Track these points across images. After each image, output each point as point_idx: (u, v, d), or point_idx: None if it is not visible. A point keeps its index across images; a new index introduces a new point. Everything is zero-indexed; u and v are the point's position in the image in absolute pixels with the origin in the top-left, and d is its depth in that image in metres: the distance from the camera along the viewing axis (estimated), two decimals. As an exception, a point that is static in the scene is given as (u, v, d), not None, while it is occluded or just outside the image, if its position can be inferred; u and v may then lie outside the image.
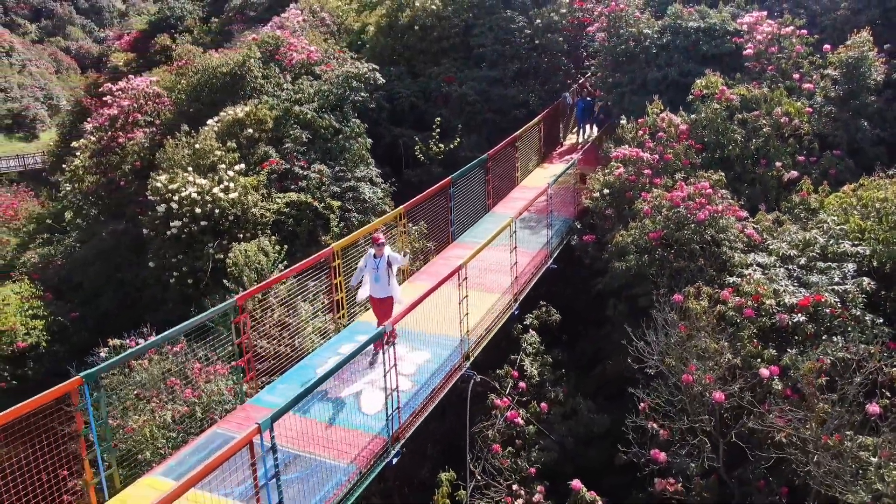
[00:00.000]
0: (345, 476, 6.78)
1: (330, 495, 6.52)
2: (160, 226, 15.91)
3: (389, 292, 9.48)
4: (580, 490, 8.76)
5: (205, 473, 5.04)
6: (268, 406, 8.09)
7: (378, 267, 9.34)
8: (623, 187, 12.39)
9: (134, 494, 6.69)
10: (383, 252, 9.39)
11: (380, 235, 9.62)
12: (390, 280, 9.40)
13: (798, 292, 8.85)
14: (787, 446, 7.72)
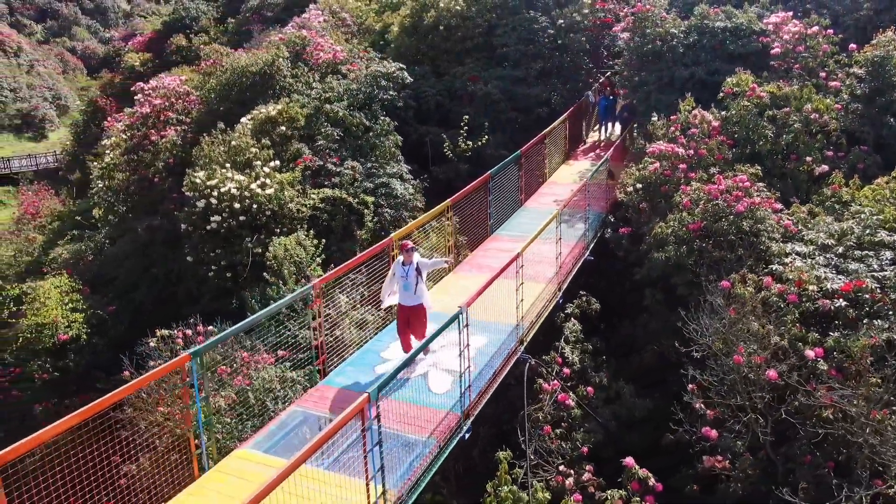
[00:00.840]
0: (426, 449, 7.23)
1: (415, 466, 6.97)
2: (198, 221, 16.28)
3: (420, 300, 9.18)
4: (633, 467, 9.21)
5: (323, 441, 5.46)
6: (338, 386, 8.56)
7: (407, 274, 9.04)
8: (658, 181, 12.84)
9: (230, 465, 7.13)
10: (412, 259, 9.11)
11: (408, 242, 9.37)
12: (419, 287, 9.11)
13: (838, 279, 9.30)
14: (833, 422, 8.18)
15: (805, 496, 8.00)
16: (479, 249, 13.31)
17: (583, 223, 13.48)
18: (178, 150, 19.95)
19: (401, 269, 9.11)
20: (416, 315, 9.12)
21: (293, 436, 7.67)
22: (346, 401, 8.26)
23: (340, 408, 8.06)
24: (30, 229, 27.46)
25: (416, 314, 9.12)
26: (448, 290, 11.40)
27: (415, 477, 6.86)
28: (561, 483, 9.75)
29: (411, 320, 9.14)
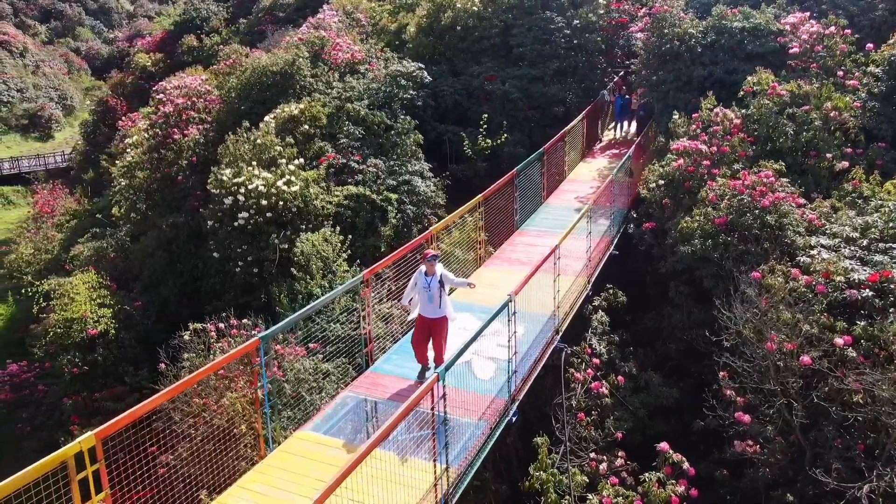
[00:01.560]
0: (478, 430, 7.57)
1: (469, 446, 7.31)
2: (225, 217, 16.60)
3: (443, 312, 8.81)
4: (667, 452, 9.55)
5: (399, 420, 5.79)
6: (387, 373, 8.90)
7: (430, 285, 8.66)
8: (682, 178, 13.19)
9: (293, 446, 7.48)
10: (435, 269, 8.75)
11: (431, 250, 9.07)
12: (443, 299, 8.75)
13: (864, 270, 9.65)
14: (863, 406, 8.53)
15: (836, 477, 8.34)
16: (506, 244, 13.66)
17: (607, 219, 13.83)
18: (200, 149, 20.28)
19: (423, 279, 8.73)
20: (437, 327, 8.81)
21: (347, 418, 8.03)
22: (395, 386, 8.63)
23: (390, 392, 8.43)
24: (48, 227, 27.75)
25: (438, 326, 8.81)
26: (481, 283, 11.70)
27: (470, 457, 7.21)
28: (595, 468, 10.10)
29: (433, 332, 8.81)
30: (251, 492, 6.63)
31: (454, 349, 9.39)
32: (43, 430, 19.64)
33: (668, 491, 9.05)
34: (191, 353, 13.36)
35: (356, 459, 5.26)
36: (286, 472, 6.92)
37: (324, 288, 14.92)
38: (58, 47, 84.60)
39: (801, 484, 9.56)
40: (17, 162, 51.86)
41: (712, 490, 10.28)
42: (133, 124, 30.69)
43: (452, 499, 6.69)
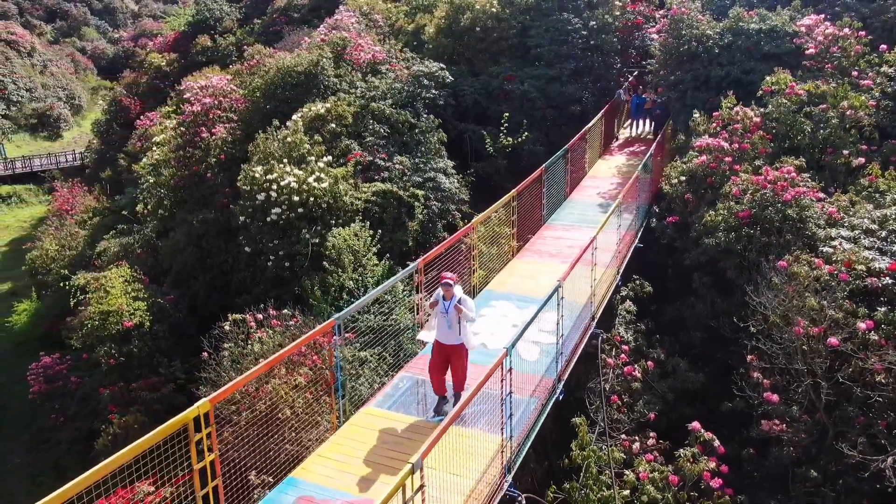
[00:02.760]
0: (531, 406, 8.16)
1: (525, 420, 7.90)
2: (257, 213, 17.15)
3: (461, 339, 8.27)
4: (699, 431, 10.14)
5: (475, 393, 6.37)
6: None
7: (447, 310, 8.19)
8: (704, 173, 13.78)
9: (361, 420, 8.08)
10: (452, 293, 8.25)
11: (448, 274, 8.62)
12: (462, 326, 8.24)
13: (884, 259, 10.25)
14: (885, 386, 9.12)
15: (860, 450, 8.93)
16: (535, 237, 14.24)
17: (631, 213, 14.42)
18: (227, 147, 20.83)
19: (442, 303, 8.29)
20: (456, 355, 8.30)
21: (405, 396, 8.62)
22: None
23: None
24: (70, 225, 28.30)
25: (456, 354, 8.30)
26: (515, 274, 12.34)
27: (527, 429, 7.79)
28: (628, 447, 10.70)
29: (452, 360, 8.34)
30: (330, 459, 7.22)
31: (500, 334, 10.02)
32: (77, 419, 20.21)
33: (700, 466, 9.63)
34: (230, 342, 13.97)
35: (443, 427, 5.84)
36: (357, 442, 7.51)
37: (355, 280, 15.51)
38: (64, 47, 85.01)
39: (824, 461, 10.16)
40: (30, 161, 52.46)
41: (739, 469, 10.86)
42: (152, 123, 31.33)
43: (514, 465, 7.29)
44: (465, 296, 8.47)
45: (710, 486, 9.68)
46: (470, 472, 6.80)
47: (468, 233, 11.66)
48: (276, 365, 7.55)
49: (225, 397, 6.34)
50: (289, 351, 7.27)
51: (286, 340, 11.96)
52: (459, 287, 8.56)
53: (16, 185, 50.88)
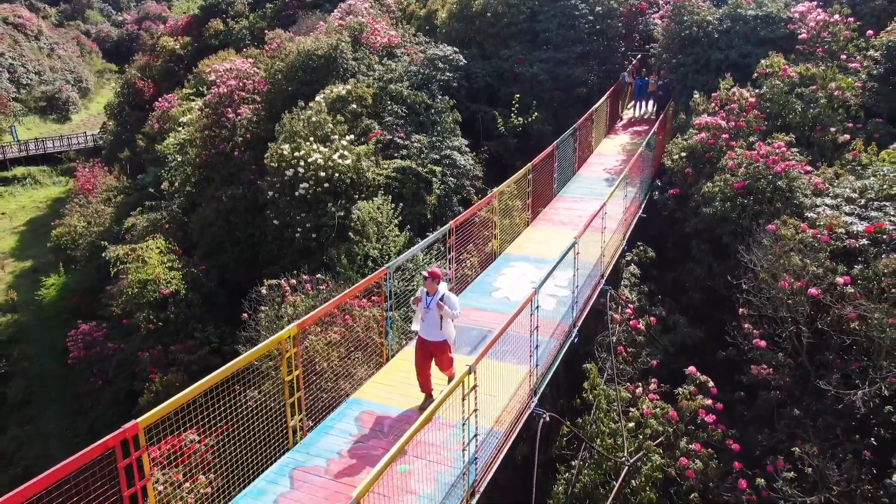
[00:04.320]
0: (552, 344, 9.49)
1: (546, 355, 9.23)
2: (285, 188, 18.35)
3: (442, 336, 8.23)
4: (695, 374, 11.48)
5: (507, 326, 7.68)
6: (472, 305, 10.82)
7: (429, 305, 8.15)
8: (703, 149, 15.02)
9: (404, 356, 9.41)
10: (436, 288, 8.18)
11: (436, 269, 8.45)
12: (443, 321, 8.18)
13: (861, 223, 11.53)
14: (858, 333, 10.44)
15: (836, 386, 10.29)
16: (547, 208, 15.52)
17: (635, 187, 15.67)
18: (253, 127, 22.01)
19: (425, 298, 8.23)
20: (438, 350, 8.33)
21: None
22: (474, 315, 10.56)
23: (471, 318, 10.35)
24: (96, 203, 29.50)
25: (438, 350, 8.33)
26: (531, 240, 13.63)
27: (547, 363, 9.12)
28: (633, 391, 12.04)
29: (435, 355, 8.37)
30: (383, 385, 8.56)
31: (520, 289, 11.31)
32: (115, 383, 21.63)
33: (697, 403, 10.99)
34: (266, 306, 15.29)
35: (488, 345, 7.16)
36: (403, 372, 8.84)
37: (378, 250, 16.80)
38: (69, 30, 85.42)
39: (805, 402, 11.52)
40: (43, 143, 53.45)
41: (732, 411, 12.21)
42: (170, 105, 32.40)
43: (539, 389, 8.62)
44: (450, 293, 8.37)
45: (704, 422, 11.04)
46: (504, 394, 8.13)
47: (490, 202, 12.91)
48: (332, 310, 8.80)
49: (307, 325, 7.63)
50: (356, 290, 8.59)
51: (318, 304, 13.25)
52: (444, 284, 8.42)
53: (30, 166, 51.89)
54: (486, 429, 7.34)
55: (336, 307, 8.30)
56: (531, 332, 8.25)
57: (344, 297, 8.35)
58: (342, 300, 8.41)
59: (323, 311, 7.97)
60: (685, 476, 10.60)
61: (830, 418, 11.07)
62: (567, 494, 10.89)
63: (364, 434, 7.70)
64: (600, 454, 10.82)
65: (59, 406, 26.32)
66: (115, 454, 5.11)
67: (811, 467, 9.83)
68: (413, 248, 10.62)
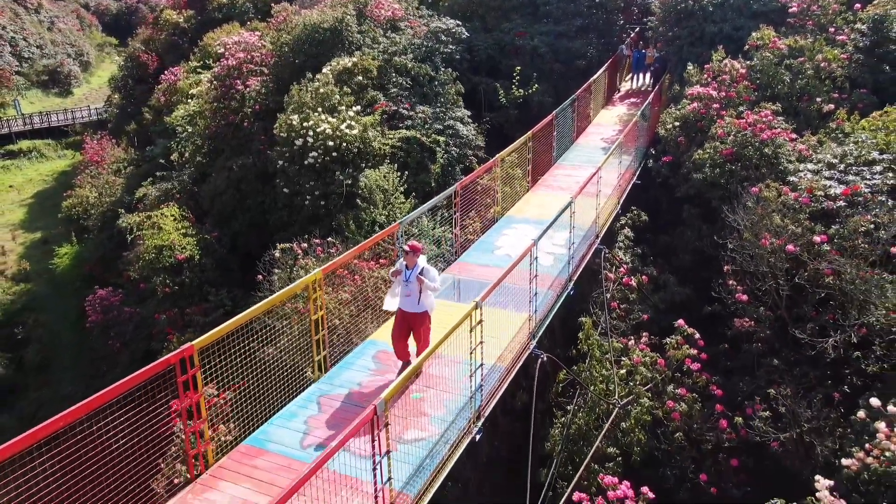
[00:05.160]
0: (549, 295, 10.37)
1: (546, 303, 10.12)
2: (294, 157, 19.08)
3: (423, 308, 8.37)
4: (683, 326, 12.40)
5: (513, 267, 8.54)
6: (476, 263, 11.67)
7: (409, 279, 8.26)
8: (695, 119, 15.76)
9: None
10: (416, 262, 8.33)
11: (415, 243, 8.55)
12: (423, 293, 8.31)
13: (840, 186, 12.35)
14: (832, 287, 11.33)
15: (810, 335, 11.20)
16: (547, 175, 16.31)
17: (630, 155, 16.44)
18: (261, 98, 22.65)
19: (404, 271, 8.36)
20: (418, 323, 8.45)
21: (448, 290, 10.86)
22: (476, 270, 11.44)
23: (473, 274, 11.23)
24: (107, 174, 30.21)
25: (418, 322, 8.45)
26: (531, 204, 14.44)
27: (545, 311, 10.02)
28: (625, 343, 12.97)
29: (414, 328, 8.50)
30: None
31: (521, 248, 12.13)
32: (132, 345, 22.62)
33: (683, 352, 11.93)
34: (279, 268, 16.16)
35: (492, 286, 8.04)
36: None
37: (385, 216, 17.62)
38: (68, 3, 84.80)
39: (784, 353, 12.45)
40: (47, 116, 53.87)
41: (717, 363, 13.15)
42: (176, 78, 32.89)
43: (537, 334, 9.52)
44: (429, 266, 8.51)
45: (690, 369, 11.99)
46: (506, 336, 9.03)
47: (493, 166, 13.70)
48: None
49: (333, 268, 8.51)
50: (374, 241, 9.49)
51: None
52: (423, 256, 8.55)
53: (35, 139, 52.39)
54: (489, 365, 8.24)
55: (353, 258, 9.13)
56: (530, 282, 9.11)
57: (362, 248, 9.21)
58: (360, 250, 9.27)
59: (344, 259, 8.84)
60: (671, 418, 11.58)
61: (807, 367, 12.03)
62: (563, 436, 11.89)
63: (381, 369, 8.62)
64: (594, 399, 11.79)
65: (75, 371, 27.38)
66: (175, 370, 5.99)
67: (785, 407, 10.79)
68: (423, 206, 11.45)
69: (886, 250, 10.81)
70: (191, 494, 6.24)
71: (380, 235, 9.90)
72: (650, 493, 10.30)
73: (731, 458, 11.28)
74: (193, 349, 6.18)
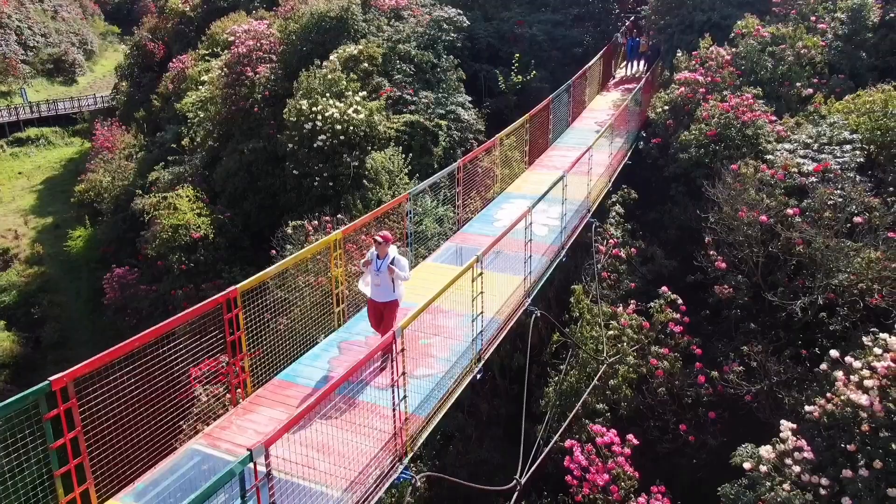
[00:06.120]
0: (543, 261, 11.45)
1: (540, 267, 11.19)
2: (304, 140, 20.08)
3: (392, 297, 8.59)
4: (667, 292, 13.48)
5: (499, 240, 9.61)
6: (477, 233, 12.73)
7: (380, 269, 8.44)
8: (682, 102, 16.77)
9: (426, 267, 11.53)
10: (387, 251, 8.50)
11: (386, 233, 8.73)
12: (395, 283, 8.55)
13: (812, 164, 13.39)
14: (802, 255, 12.40)
15: (781, 297, 12.29)
16: (543, 156, 17.35)
17: (622, 137, 17.44)
18: (271, 84, 23.60)
19: (375, 261, 8.54)
20: (388, 310, 8.69)
21: (450, 256, 11.95)
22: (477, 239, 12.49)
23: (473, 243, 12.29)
24: (119, 159, 31.20)
25: (389, 309, 8.68)
26: (528, 182, 15.48)
27: (540, 271, 11.11)
28: (614, 310, 14.06)
29: (384, 315, 8.71)
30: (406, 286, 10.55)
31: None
32: (148, 321, 23.68)
33: (667, 315, 13.02)
34: (290, 244, 17.23)
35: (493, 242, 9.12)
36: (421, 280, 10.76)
37: (390, 195, 18.66)
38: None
39: (761, 318, 13.55)
40: (55, 104, 54.77)
41: (699, 329, 14.23)
42: (184, 66, 33.78)
43: (532, 293, 10.61)
44: (399, 255, 8.65)
45: (673, 331, 13.09)
46: (505, 294, 10.11)
47: (493, 144, 14.74)
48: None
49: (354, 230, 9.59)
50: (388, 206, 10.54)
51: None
52: (394, 246, 8.69)
53: (42, 127, 53.30)
54: (489, 318, 9.33)
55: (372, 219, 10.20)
56: (525, 246, 10.18)
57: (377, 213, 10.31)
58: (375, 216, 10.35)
59: (363, 220, 9.92)
60: (655, 375, 12.70)
61: (781, 331, 13.13)
62: (556, 392, 13.01)
63: (393, 321, 9.71)
64: (584, 358, 12.90)
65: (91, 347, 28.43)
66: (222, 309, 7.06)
67: (757, 363, 11.89)
68: (429, 178, 12.49)
69: (850, 220, 11.87)
70: (234, 415, 7.34)
71: (392, 203, 10.96)
72: (634, 440, 11.44)
73: (708, 411, 12.40)
74: (237, 292, 7.25)
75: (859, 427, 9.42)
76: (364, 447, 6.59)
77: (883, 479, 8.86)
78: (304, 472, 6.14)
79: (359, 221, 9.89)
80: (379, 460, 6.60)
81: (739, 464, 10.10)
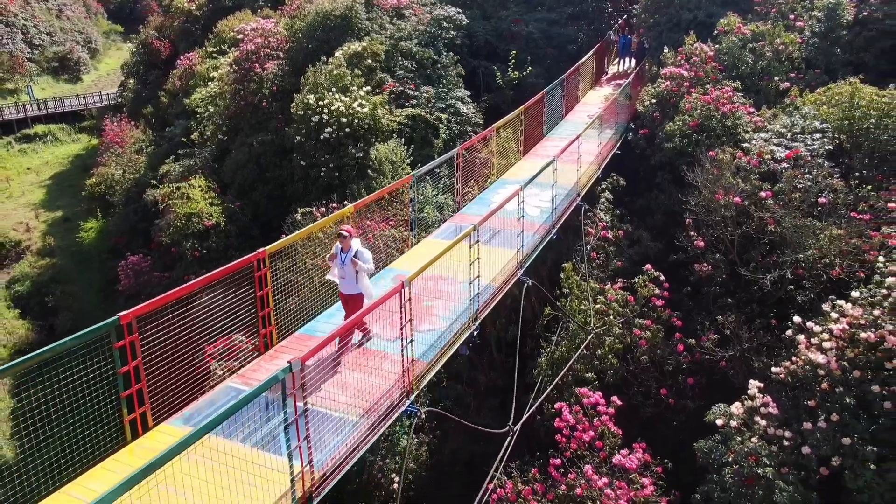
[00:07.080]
0: (535, 237, 12.55)
1: (532, 243, 12.30)
2: (311, 133, 21.16)
3: (358, 290, 8.90)
4: (651, 270, 14.59)
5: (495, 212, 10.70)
6: (474, 214, 13.83)
7: (344, 262, 8.73)
8: (668, 96, 17.88)
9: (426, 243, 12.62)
10: (350, 245, 8.77)
11: (349, 227, 8.97)
12: (359, 276, 8.82)
13: (785, 151, 14.50)
14: (774, 234, 13.51)
15: (754, 272, 13.39)
16: (537, 146, 18.45)
17: (611, 128, 18.55)
18: (278, 80, 24.69)
19: (339, 255, 8.81)
20: (353, 302, 9.02)
21: (450, 234, 13.04)
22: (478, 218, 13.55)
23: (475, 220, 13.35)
24: (130, 153, 32.28)
25: (353, 301, 9.02)
26: (523, 169, 16.57)
27: (532, 245, 12.22)
28: (602, 288, 15.17)
29: (350, 306, 9.07)
30: (408, 260, 11.66)
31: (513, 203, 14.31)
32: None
33: (650, 290, 14.12)
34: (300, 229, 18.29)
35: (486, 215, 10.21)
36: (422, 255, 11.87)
37: (393, 185, 19.60)
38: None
39: (737, 294, 14.65)
40: (61, 102, 55.83)
41: (680, 305, 15.33)
42: (191, 63, 34.87)
43: (525, 265, 11.72)
44: (363, 248, 8.92)
45: (655, 306, 14.20)
46: (497, 266, 11.22)
47: (491, 133, 15.84)
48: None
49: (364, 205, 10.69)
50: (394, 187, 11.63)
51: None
52: (357, 240, 8.96)
53: (49, 124, 54.35)
54: (485, 284, 10.44)
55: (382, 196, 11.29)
56: (517, 223, 11.30)
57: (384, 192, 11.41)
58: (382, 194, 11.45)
59: (372, 197, 11.02)
60: (638, 345, 13.81)
61: (755, 305, 14.24)
62: (548, 361, 14.12)
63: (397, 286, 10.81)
64: (573, 329, 14.01)
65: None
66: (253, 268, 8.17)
67: (730, 331, 13.00)
68: (433, 162, 13.59)
69: (815, 201, 12.98)
70: (262, 361, 8.44)
71: (398, 183, 12.05)
72: (618, 401, 12.55)
73: (687, 377, 13.51)
74: (265, 253, 8.34)
75: (819, 385, 10.53)
76: (378, 385, 7.70)
77: (840, 430, 9.96)
78: (328, 403, 7.25)
79: (368, 198, 11.00)
80: (390, 394, 7.71)
81: (713, 420, 11.21)
